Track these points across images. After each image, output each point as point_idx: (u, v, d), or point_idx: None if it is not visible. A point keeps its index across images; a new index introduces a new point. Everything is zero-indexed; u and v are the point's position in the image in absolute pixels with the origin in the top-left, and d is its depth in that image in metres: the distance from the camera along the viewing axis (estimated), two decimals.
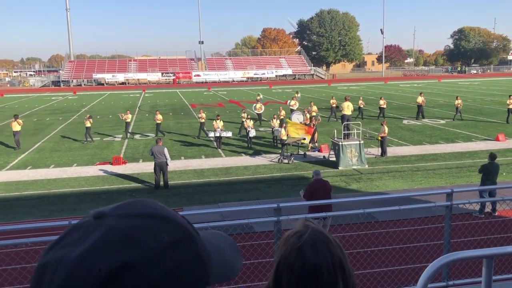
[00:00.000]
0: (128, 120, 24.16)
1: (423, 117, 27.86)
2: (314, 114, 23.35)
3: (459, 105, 27.13)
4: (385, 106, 28.42)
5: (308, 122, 21.23)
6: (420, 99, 27.97)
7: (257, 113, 27.80)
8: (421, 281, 2.80)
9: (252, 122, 21.36)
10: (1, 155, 20.42)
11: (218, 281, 0.84)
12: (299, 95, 31.05)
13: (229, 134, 21.21)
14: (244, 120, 22.26)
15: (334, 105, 28.61)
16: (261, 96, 30.52)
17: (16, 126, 21.55)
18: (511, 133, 22.25)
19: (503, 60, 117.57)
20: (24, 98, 55.55)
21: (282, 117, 22.85)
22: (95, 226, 0.68)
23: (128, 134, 24.28)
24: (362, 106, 28.53)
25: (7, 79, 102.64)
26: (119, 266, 0.63)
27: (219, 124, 20.84)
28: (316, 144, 20.16)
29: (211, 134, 20.88)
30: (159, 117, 23.85)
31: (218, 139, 20.74)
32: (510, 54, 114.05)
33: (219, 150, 20.29)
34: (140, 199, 0.75)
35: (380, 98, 29.31)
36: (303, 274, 1.16)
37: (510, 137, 21.29)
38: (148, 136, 24.57)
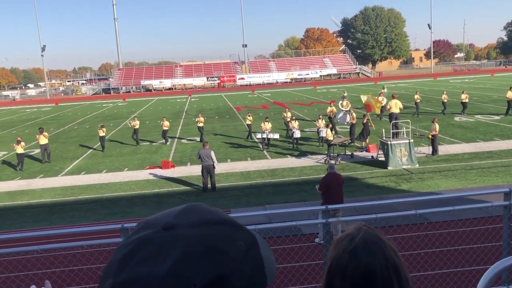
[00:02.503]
0: (137, 126, 24.13)
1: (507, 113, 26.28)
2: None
3: (466, 99, 26.72)
4: (467, 100, 27.69)
5: (355, 122, 21.03)
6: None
7: (343, 111, 28.10)
8: (482, 284, 2.67)
9: (297, 122, 21.31)
10: (56, 161, 21.36)
11: (269, 281, 0.84)
12: (346, 94, 30.86)
13: (277, 136, 21.35)
14: (288, 120, 22.26)
15: (419, 101, 28.62)
16: (346, 94, 31.02)
17: (43, 139, 21.08)
18: None
19: None
20: (77, 106, 57.96)
21: (330, 114, 22.75)
22: (171, 239, 0.67)
23: (139, 142, 24.13)
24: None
25: (61, 88, 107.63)
26: (213, 278, 0.64)
27: (267, 126, 21.12)
28: (363, 144, 19.80)
29: (259, 136, 21.14)
30: (166, 123, 24.06)
31: (266, 140, 20.94)
32: None
33: (265, 152, 20.34)
34: (194, 204, 0.75)
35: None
36: (356, 277, 1.13)
37: None
38: (195, 140, 24.97)
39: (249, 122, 23.94)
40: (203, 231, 0.68)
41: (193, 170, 17.58)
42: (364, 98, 22.12)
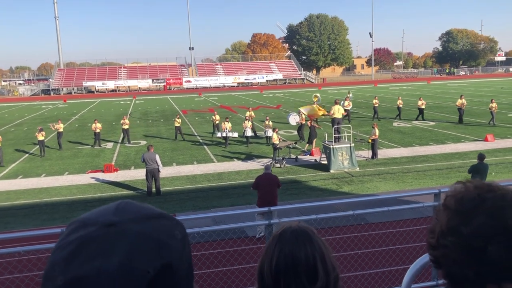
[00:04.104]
0: (61, 130, 23.61)
1: (461, 121, 26.70)
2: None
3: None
4: (423, 107, 28.49)
5: (304, 122, 21.91)
6: (460, 102, 26.90)
7: (345, 109, 28.49)
8: (406, 280, 2.90)
9: (250, 123, 22.70)
10: None
11: None
12: (351, 95, 32.03)
13: (235, 134, 22.63)
14: (217, 123, 24.73)
15: (377, 105, 29.71)
16: (351, 94, 31.92)
17: None
18: (500, 134, 22.54)
19: (491, 61, 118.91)
20: (13, 107, 55.18)
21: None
22: (115, 234, 0.71)
23: (61, 146, 23.49)
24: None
25: None
26: (161, 267, 0.70)
27: (227, 125, 22.51)
28: (307, 147, 20.42)
29: (219, 134, 22.75)
30: (98, 125, 23.81)
31: (225, 139, 22.36)
32: (497, 55, 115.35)
33: (211, 155, 20.38)
34: (126, 201, 0.80)
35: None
36: (282, 260, 1.25)
37: (498, 138, 21.56)
38: (139, 143, 24.56)
39: (178, 124, 24.88)
40: (145, 226, 0.74)
41: (137, 174, 17.29)
42: (304, 110, 22.11)
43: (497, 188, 1.01)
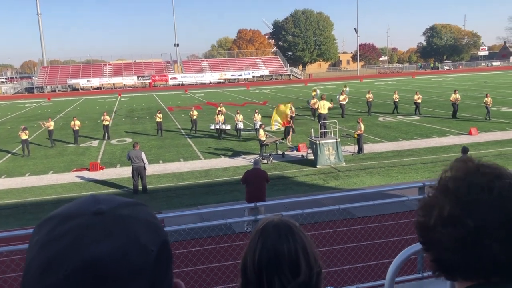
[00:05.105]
0: (51, 127, 23.41)
1: (455, 116, 26.40)
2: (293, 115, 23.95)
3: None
4: (419, 101, 28.62)
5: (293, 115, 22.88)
6: (454, 96, 26.56)
7: (340, 104, 29.16)
8: (390, 272, 2.91)
9: (241, 116, 23.79)
10: None
11: None
12: (347, 89, 32.17)
13: (228, 127, 23.77)
14: (195, 118, 25.56)
15: (371, 100, 29.89)
16: (348, 89, 32.08)
17: None
18: (483, 127, 22.84)
19: (474, 56, 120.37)
20: None
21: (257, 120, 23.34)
22: (110, 220, 0.73)
23: (53, 143, 23.45)
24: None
25: None
26: (161, 244, 0.76)
27: (220, 118, 23.25)
28: (288, 143, 20.70)
29: (212, 127, 23.64)
30: (77, 123, 23.95)
31: (220, 131, 23.29)
32: (480, 49, 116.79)
33: (198, 152, 20.33)
34: (94, 195, 0.82)
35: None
36: (264, 254, 1.24)
37: (482, 131, 21.85)
38: (125, 140, 24.38)
39: (159, 120, 25.27)
40: (133, 211, 0.77)
41: (123, 172, 17.17)
42: (276, 125, 22.43)
43: (505, 175, 0.96)
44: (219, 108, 26.21)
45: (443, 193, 0.96)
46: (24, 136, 21.14)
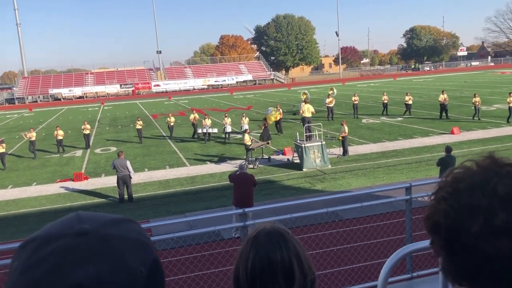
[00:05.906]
0: (33, 138, 23.16)
1: (447, 117, 26.21)
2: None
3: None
4: (410, 102, 28.75)
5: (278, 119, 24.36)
6: (442, 97, 26.51)
7: (327, 107, 29.15)
8: (383, 273, 2.92)
9: (229, 119, 24.34)
10: None
11: None
12: (333, 91, 32.33)
13: (215, 130, 24.43)
14: (172, 124, 26.40)
15: (356, 102, 29.88)
16: (334, 91, 32.09)
17: None
18: (465, 126, 23.16)
19: (453, 56, 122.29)
20: None
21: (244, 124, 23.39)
22: (95, 240, 0.68)
23: (36, 154, 23.09)
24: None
25: None
26: (151, 263, 0.72)
27: (207, 122, 23.96)
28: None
29: (199, 131, 24.35)
30: (60, 132, 23.96)
31: (207, 135, 23.93)
32: (459, 50, 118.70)
33: (184, 159, 20.23)
34: (77, 212, 0.76)
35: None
36: (257, 263, 1.22)
37: (464, 130, 22.16)
38: (109, 149, 24.14)
39: (139, 127, 25.61)
40: (119, 229, 0.72)
41: (108, 181, 16.98)
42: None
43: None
44: (192, 115, 26.64)
45: (493, 198, 0.79)
46: (1, 149, 20.74)
